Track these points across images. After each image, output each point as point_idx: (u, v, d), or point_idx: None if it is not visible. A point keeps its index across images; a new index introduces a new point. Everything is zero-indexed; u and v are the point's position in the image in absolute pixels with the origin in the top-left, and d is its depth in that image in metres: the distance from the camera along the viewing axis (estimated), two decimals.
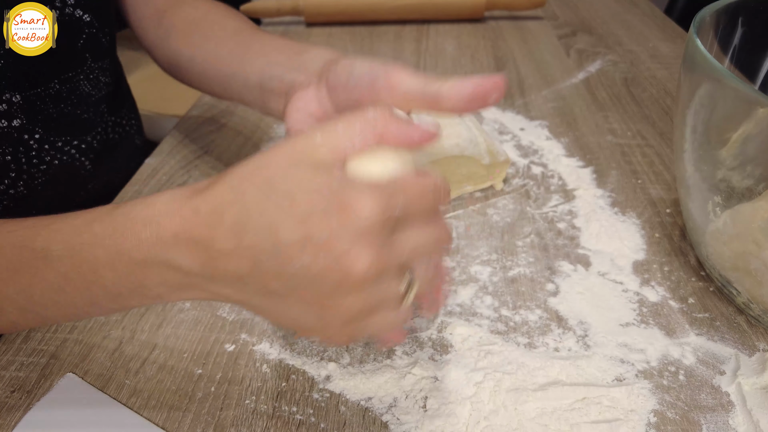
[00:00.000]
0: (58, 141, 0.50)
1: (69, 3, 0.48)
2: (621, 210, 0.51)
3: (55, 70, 0.48)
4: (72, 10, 0.48)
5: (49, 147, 0.49)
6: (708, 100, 0.36)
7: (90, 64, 0.51)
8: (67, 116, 0.50)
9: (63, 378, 0.37)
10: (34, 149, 0.48)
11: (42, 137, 0.48)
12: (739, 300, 0.40)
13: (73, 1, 0.48)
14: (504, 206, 0.52)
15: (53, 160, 0.50)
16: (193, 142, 0.63)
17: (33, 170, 0.49)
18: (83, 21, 0.50)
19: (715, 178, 0.40)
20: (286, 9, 0.94)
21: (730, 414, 0.34)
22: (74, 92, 0.50)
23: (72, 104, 0.50)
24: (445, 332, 0.40)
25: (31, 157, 0.48)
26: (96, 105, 0.53)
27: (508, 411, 0.34)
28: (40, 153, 0.48)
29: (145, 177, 0.57)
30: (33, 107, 0.47)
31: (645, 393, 0.35)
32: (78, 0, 0.48)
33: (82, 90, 0.51)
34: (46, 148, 0.49)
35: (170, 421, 0.35)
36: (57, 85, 0.48)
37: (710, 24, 0.43)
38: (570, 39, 0.89)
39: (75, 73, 0.50)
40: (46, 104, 0.48)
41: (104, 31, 0.53)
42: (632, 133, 0.62)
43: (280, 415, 0.35)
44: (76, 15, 0.49)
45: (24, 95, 0.46)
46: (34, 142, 0.48)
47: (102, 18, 0.52)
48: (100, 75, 0.53)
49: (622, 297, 0.42)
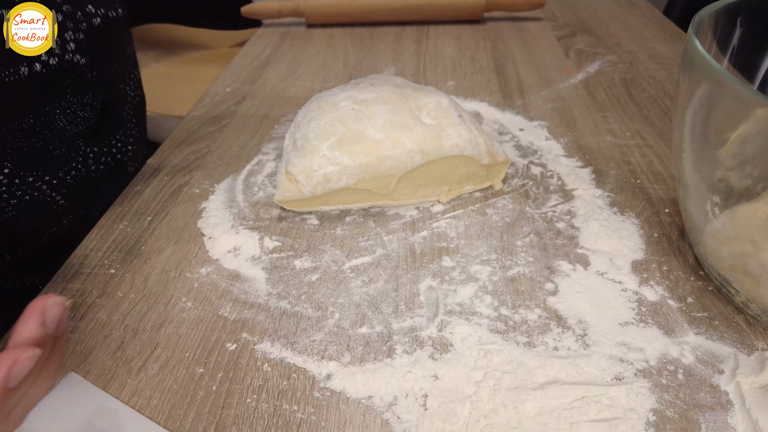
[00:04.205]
0: (28, 176, 0.48)
1: (69, 49, 0.46)
2: (620, 210, 0.51)
3: (31, 105, 0.46)
4: (72, 56, 0.47)
5: (20, 182, 0.47)
6: (707, 100, 0.36)
7: (69, 98, 0.49)
8: (39, 151, 0.48)
9: (65, 377, 0.37)
10: (3, 184, 0.46)
11: (12, 171, 0.46)
12: (738, 299, 0.40)
13: (74, 47, 0.46)
14: (503, 206, 0.52)
15: (24, 195, 0.48)
16: (194, 142, 0.63)
17: (2, 204, 0.47)
18: (79, 64, 0.48)
19: (714, 178, 0.40)
20: (287, 10, 0.94)
21: (729, 413, 0.34)
22: (48, 126, 0.48)
23: (44, 139, 0.48)
24: (445, 331, 0.40)
25: (0, 192, 0.46)
26: (71, 140, 0.51)
27: (508, 410, 0.35)
28: (10, 188, 0.47)
29: (147, 177, 0.57)
30: (2, 141, 0.45)
31: (644, 392, 0.35)
32: (79, 45, 0.47)
33: (56, 125, 0.49)
34: (17, 182, 0.47)
35: (172, 420, 0.35)
36: (31, 119, 0.46)
37: (709, 24, 0.43)
38: (569, 40, 0.89)
39: (51, 107, 0.48)
40: (16, 138, 0.46)
41: (93, 68, 0.51)
42: (631, 133, 0.62)
43: (281, 413, 0.35)
44: (75, 60, 0.47)
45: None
46: (3, 177, 0.46)
47: (96, 56, 0.50)
48: (79, 110, 0.51)
49: (621, 296, 0.42)
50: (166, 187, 0.56)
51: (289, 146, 0.51)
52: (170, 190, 0.56)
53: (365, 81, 0.54)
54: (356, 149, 0.48)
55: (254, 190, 0.55)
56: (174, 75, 1.20)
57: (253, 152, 0.61)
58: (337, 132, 0.49)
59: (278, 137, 0.64)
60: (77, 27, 0.47)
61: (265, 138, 0.64)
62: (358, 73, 0.80)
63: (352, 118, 0.49)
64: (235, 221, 0.51)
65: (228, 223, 0.51)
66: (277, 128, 0.66)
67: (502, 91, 0.73)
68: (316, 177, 0.48)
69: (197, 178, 0.57)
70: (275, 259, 0.47)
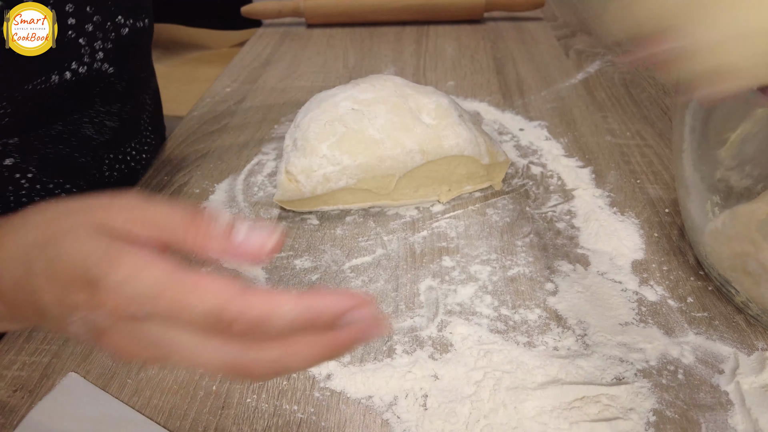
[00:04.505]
0: (49, 183, 0.48)
1: (98, 58, 0.46)
2: (620, 210, 0.51)
3: (60, 112, 0.46)
4: (100, 65, 0.47)
5: (40, 188, 0.47)
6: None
7: (98, 108, 0.50)
8: (64, 158, 0.48)
9: (65, 377, 0.37)
10: (24, 188, 0.46)
11: (35, 177, 0.46)
12: (738, 299, 0.40)
13: (102, 56, 0.46)
14: (503, 206, 0.52)
15: (42, 201, 0.47)
16: (194, 142, 0.63)
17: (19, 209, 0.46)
18: (107, 74, 0.48)
19: (714, 178, 0.40)
20: (287, 10, 0.94)
21: (729, 413, 0.34)
22: (75, 134, 0.48)
23: (71, 146, 0.48)
24: (445, 331, 0.40)
25: (20, 196, 0.46)
26: (96, 149, 0.51)
27: (508, 410, 0.35)
28: (30, 193, 0.46)
29: (147, 178, 0.57)
30: (30, 146, 0.45)
31: (644, 392, 0.35)
32: (107, 55, 0.47)
33: (84, 133, 0.49)
34: (37, 188, 0.47)
35: (172, 420, 0.35)
36: (60, 126, 0.46)
37: None
38: (569, 40, 0.89)
39: (80, 116, 0.48)
40: (44, 144, 0.46)
41: (122, 78, 0.51)
42: (631, 133, 0.62)
43: (281, 413, 0.35)
44: (103, 69, 0.47)
45: (22, 137, 0.44)
46: (25, 182, 0.46)
47: (123, 66, 0.50)
48: (106, 119, 0.51)
49: (621, 296, 0.42)
50: (166, 187, 0.56)
51: (289, 146, 0.51)
52: (170, 190, 0.56)
53: (365, 81, 0.54)
54: (356, 149, 0.48)
55: (254, 190, 0.55)
56: (174, 75, 1.20)
57: (253, 152, 0.61)
58: (337, 132, 0.49)
59: (278, 137, 0.64)
60: (106, 37, 0.47)
61: (265, 138, 0.64)
62: (358, 73, 0.80)
63: (352, 118, 0.49)
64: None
65: None
66: (277, 128, 0.66)
67: (502, 91, 0.73)
68: (316, 177, 0.48)
69: (197, 178, 0.57)
70: (275, 259, 0.47)
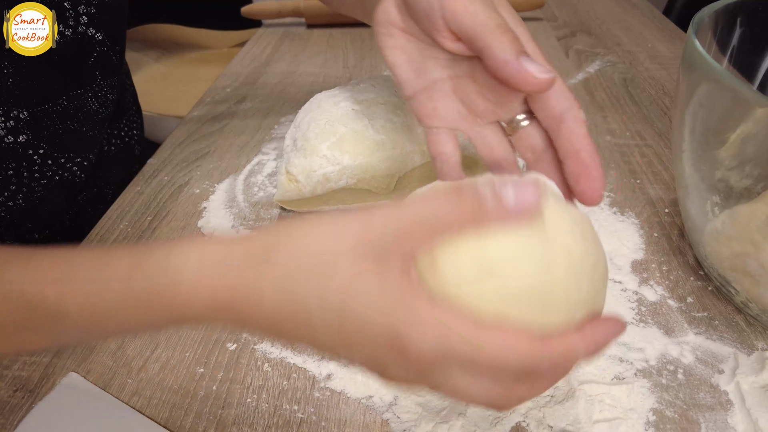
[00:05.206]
0: (61, 157, 0.50)
1: (82, 22, 0.48)
2: (620, 210, 0.51)
3: (64, 87, 0.48)
4: (85, 29, 0.48)
5: (52, 162, 0.50)
6: (706, 100, 0.36)
7: (99, 82, 0.52)
8: (73, 133, 0.50)
9: (65, 377, 0.37)
10: (37, 164, 0.49)
11: (46, 152, 0.49)
12: (738, 299, 0.40)
13: (86, 20, 0.48)
14: None
15: (54, 175, 0.50)
16: (194, 142, 0.63)
17: (33, 184, 0.49)
18: (95, 39, 0.50)
19: (714, 178, 0.40)
20: (287, 11, 0.94)
21: (729, 413, 0.34)
22: (81, 109, 0.51)
23: (78, 121, 0.51)
24: None
25: (33, 171, 0.48)
26: (101, 123, 0.54)
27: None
28: (42, 168, 0.49)
29: (147, 177, 0.58)
30: (39, 123, 0.47)
31: (644, 392, 0.35)
32: (91, 19, 0.48)
33: (89, 107, 0.51)
34: (49, 163, 0.49)
35: (172, 420, 0.35)
36: (65, 102, 0.48)
37: (709, 24, 0.43)
38: (569, 40, 0.89)
39: (83, 91, 0.50)
40: (53, 120, 0.48)
41: (115, 49, 0.53)
42: (631, 133, 0.62)
43: (282, 413, 0.35)
44: (89, 33, 0.49)
45: (31, 111, 0.46)
46: (38, 157, 0.48)
47: (114, 36, 0.52)
48: (108, 93, 0.53)
49: (621, 296, 0.42)
50: (166, 187, 0.56)
51: (289, 146, 0.51)
52: (170, 190, 0.56)
53: (365, 81, 0.54)
54: (356, 149, 0.48)
55: (254, 190, 0.55)
56: (174, 75, 1.20)
57: (253, 152, 0.61)
58: (337, 132, 0.49)
59: (278, 137, 0.64)
60: (89, 1, 0.48)
61: (265, 138, 0.64)
62: (358, 73, 0.80)
63: (352, 119, 0.49)
64: (236, 221, 0.51)
65: (228, 223, 0.51)
66: (277, 128, 0.66)
67: None
68: (316, 177, 0.48)
69: (197, 178, 0.57)
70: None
